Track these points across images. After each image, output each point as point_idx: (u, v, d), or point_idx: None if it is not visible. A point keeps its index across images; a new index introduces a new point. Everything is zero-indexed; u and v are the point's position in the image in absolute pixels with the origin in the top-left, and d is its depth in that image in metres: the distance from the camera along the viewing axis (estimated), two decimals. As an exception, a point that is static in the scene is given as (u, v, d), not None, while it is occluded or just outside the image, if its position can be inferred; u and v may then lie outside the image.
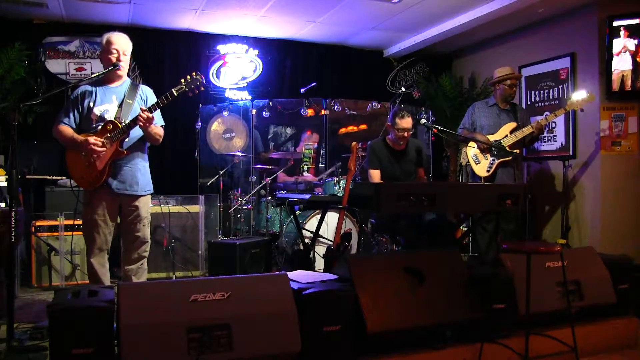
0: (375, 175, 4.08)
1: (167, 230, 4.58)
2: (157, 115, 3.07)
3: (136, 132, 3.04)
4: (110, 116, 2.99)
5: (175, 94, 2.95)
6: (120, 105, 3.02)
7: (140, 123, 2.88)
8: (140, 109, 2.91)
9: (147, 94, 3.14)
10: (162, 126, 3.16)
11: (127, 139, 2.99)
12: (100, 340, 1.97)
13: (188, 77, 2.99)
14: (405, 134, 4.00)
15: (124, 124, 2.93)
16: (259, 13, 5.32)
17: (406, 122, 3.96)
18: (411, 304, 2.51)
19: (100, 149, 2.89)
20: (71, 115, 3.01)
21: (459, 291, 2.65)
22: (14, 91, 4.90)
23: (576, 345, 2.55)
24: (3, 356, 2.51)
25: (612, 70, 4.62)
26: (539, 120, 4.23)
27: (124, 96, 3.05)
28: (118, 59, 3.04)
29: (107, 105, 3.03)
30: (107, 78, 3.10)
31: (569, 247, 4.57)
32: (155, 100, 3.05)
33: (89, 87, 3.07)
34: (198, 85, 3.00)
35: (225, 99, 5.96)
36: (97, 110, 3.00)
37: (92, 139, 2.89)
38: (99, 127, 2.95)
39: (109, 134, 2.92)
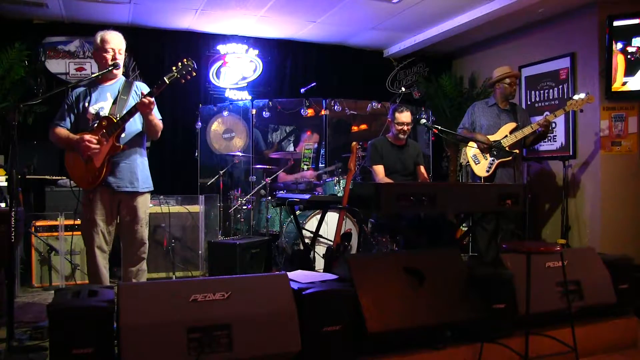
0: (379, 170, 4.12)
1: (167, 230, 4.58)
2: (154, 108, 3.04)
3: (132, 127, 3.03)
4: (105, 113, 2.98)
5: (167, 82, 2.90)
6: (115, 102, 3.01)
7: (141, 104, 2.84)
8: (141, 93, 2.89)
9: (141, 89, 3.10)
10: (160, 120, 3.13)
11: (123, 135, 2.98)
12: (100, 340, 1.97)
13: (179, 64, 2.95)
14: (405, 128, 4.15)
15: (118, 118, 2.91)
16: (259, 13, 5.32)
17: (405, 117, 4.13)
18: (411, 304, 2.51)
19: (94, 145, 2.88)
20: (66, 118, 3.02)
21: (459, 291, 2.65)
22: (14, 91, 4.89)
23: (576, 345, 2.55)
24: (3, 356, 2.51)
25: None
26: (546, 117, 4.23)
27: (119, 93, 3.04)
28: (114, 58, 3.03)
29: (102, 103, 3.02)
30: (102, 77, 3.09)
31: (569, 247, 4.57)
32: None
33: (83, 88, 3.07)
34: (190, 70, 2.95)
35: (225, 99, 5.96)
36: (92, 109, 3.00)
37: (87, 136, 2.88)
38: (95, 125, 2.95)
39: (104, 130, 2.91)
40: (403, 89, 6.29)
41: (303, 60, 6.37)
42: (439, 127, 3.77)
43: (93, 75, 3.12)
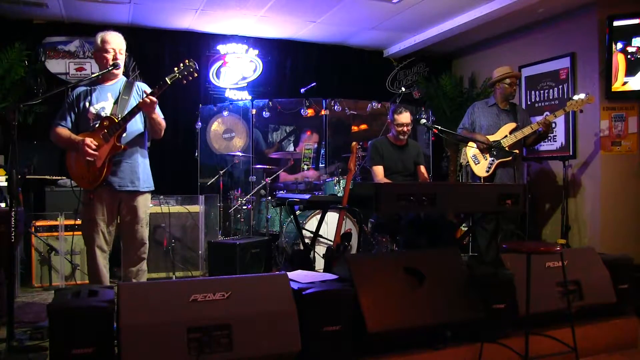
0: (378, 171, 4.12)
1: (167, 230, 4.58)
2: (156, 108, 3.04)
3: (134, 127, 3.04)
4: (106, 113, 2.98)
5: (169, 82, 2.90)
6: (116, 102, 3.01)
7: (144, 103, 2.84)
8: (144, 92, 2.90)
9: (142, 89, 3.11)
10: (162, 119, 3.12)
11: (124, 134, 2.98)
12: (100, 340, 1.97)
13: (181, 64, 2.94)
14: (405, 129, 4.16)
15: (120, 119, 2.91)
16: (259, 13, 5.32)
17: (404, 117, 4.13)
18: (411, 304, 2.51)
19: (92, 151, 2.87)
20: (67, 117, 3.01)
21: (459, 291, 2.65)
22: (14, 91, 4.90)
23: (576, 345, 2.55)
24: (3, 356, 2.52)
25: None
26: (546, 117, 4.23)
27: (120, 93, 3.04)
28: (115, 58, 3.03)
29: (103, 103, 3.02)
30: (103, 77, 3.10)
31: (569, 247, 4.57)
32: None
33: (84, 88, 3.07)
34: (191, 72, 2.94)
35: (225, 99, 5.96)
36: (93, 109, 3.00)
37: (88, 140, 2.88)
38: (96, 125, 2.95)
39: (105, 130, 2.91)
40: (403, 89, 6.29)
41: (303, 60, 6.37)
42: (439, 127, 3.77)
43: (93, 75, 3.12)
